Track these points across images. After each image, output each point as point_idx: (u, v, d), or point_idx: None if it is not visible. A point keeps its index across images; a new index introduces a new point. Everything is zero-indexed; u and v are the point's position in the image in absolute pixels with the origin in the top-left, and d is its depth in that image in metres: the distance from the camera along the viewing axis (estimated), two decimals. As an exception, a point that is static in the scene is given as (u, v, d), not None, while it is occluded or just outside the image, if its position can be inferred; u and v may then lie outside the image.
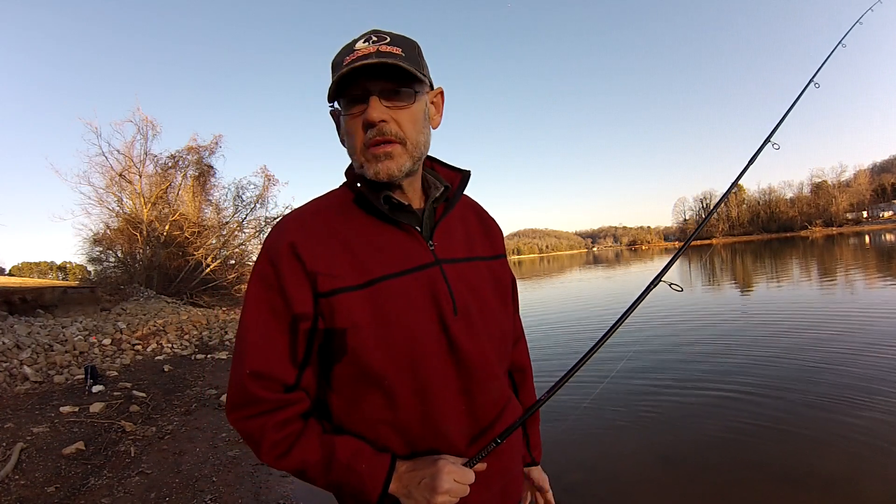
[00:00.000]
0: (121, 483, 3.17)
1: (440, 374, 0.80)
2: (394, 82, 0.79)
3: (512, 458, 0.93)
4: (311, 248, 0.77)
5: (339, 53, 0.81)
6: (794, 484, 2.83)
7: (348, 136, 0.81)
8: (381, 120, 0.77)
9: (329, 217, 0.82)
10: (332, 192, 0.89)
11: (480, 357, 0.84)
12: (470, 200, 1.00)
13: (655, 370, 5.46)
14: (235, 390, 0.78)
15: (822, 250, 27.76)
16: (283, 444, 0.76)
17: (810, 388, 4.37)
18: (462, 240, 0.90)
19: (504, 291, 0.96)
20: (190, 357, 7.28)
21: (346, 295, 0.76)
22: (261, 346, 0.77)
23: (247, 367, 0.76)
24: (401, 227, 0.83)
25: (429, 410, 0.80)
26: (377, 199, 0.81)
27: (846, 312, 7.83)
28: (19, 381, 5.22)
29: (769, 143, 1.12)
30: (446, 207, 0.88)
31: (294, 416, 0.78)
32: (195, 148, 18.88)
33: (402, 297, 0.79)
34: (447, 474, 0.75)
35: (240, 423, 0.78)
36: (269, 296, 0.77)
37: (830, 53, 1.32)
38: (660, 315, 9.08)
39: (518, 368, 1.04)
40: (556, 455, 3.48)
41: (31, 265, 78.86)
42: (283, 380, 0.77)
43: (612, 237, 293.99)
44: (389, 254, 0.80)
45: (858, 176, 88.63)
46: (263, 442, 0.76)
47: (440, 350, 0.80)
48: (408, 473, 0.77)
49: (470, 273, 0.87)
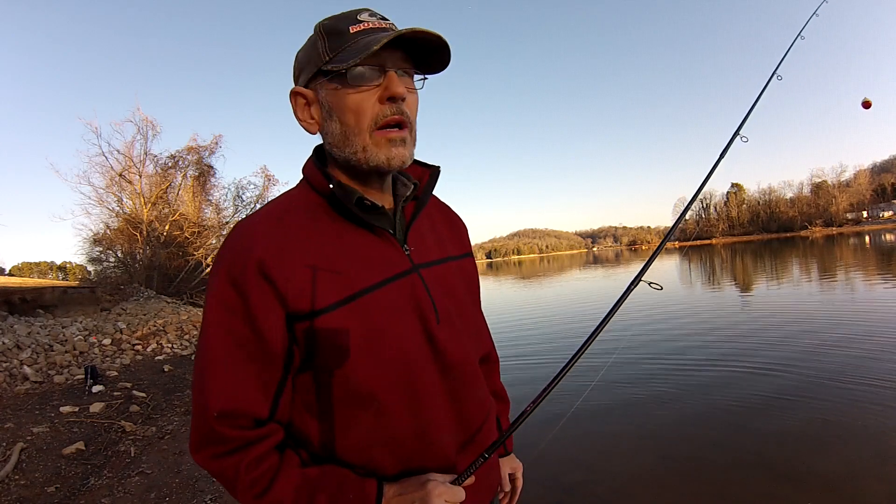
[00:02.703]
0: (121, 483, 3.17)
1: (430, 384, 0.76)
2: (408, 63, 0.74)
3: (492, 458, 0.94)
4: (281, 263, 0.68)
5: (333, 19, 0.73)
6: (794, 483, 2.83)
7: (349, 113, 0.71)
8: (403, 97, 0.71)
9: (298, 222, 0.73)
10: (291, 192, 0.79)
11: (465, 360, 0.82)
12: (434, 197, 0.94)
13: (655, 370, 5.45)
14: (201, 430, 0.69)
15: (822, 250, 27.76)
16: (261, 481, 0.69)
17: (810, 387, 4.37)
18: (433, 241, 0.86)
19: (474, 289, 0.95)
20: (190, 357, 7.28)
21: (328, 315, 0.69)
22: (226, 382, 0.68)
23: (212, 408, 0.67)
24: (375, 233, 0.76)
25: (422, 423, 0.76)
26: (349, 201, 0.72)
27: (846, 313, 7.83)
28: (19, 381, 5.22)
29: (738, 136, 1.12)
30: (417, 207, 0.82)
31: (269, 450, 0.71)
32: (195, 148, 18.88)
33: (386, 309, 0.73)
34: (437, 496, 0.70)
35: (209, 462, 0.70)
36: (233, 322, 0.68)
37: (790, 46, 1.34)
38: (659, 315, 9.09)
39: (485, 358, 1.01)
40: (555, 455, 3.47)
41: (31, 265, 78.92)
42: (254, 415, 0.69)
43: (612, 237, 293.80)
44: (368, 262, 0.74)
45: (858, 176, 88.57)
46: (239, 482, 0.69)
47: (427, 359, 0.76)
48: (396, 498, 0.71)
49: (445, 275, 0.84)
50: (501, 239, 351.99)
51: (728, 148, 1.10)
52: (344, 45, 0.70)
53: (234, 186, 20.16)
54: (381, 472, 0.75)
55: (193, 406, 0.71)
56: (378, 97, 0.71)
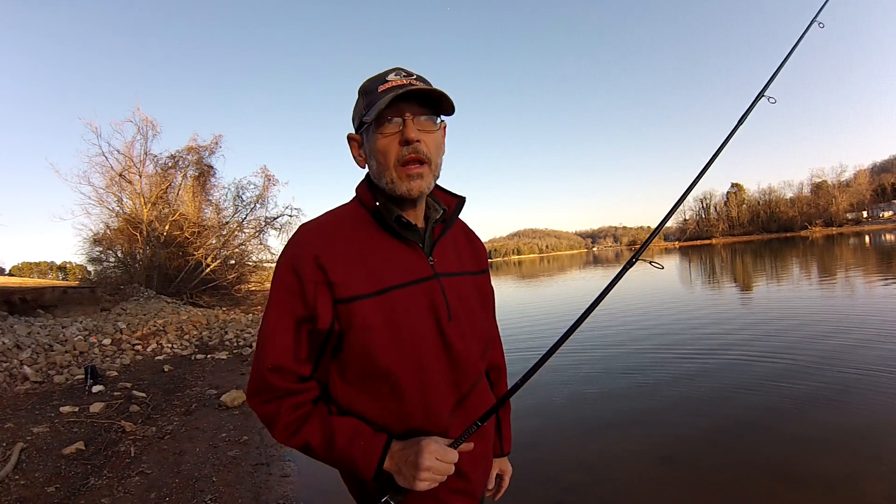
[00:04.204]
0: (121, 483, 3.17)
1: (437, 370, 0.91)
2: (426, 109, 0.91)
3: (488, 445, 1.07)
4: (332, 259, 0.86)
5: (370, 81, 0.92)
6: (794, 484, 2.83)
7: (379, 154, 0.90)
8: (417, 140, 0.88)
9: (348, 231, 0.91)
10: (345, 207, 0.98)
11: (469, 355, 0.96)
12: (460, 221, 1.12)
13: (654, 370, 5.46)
14: (256, 380, 0.89)
15: (822, 250, 27.76)
16: (294, 424, 0.87)
17: (811, 387, 4.38)
18: (454, 257, 1.02)
19: (486, 301, 1.10)
20: (190, 357, 7.28)
21: (362, 302, 0.86)
22: (280, 344, 0.87)
23: (267, 362, 0.86)
24: (407, 244, 0.94)
25: (427, 399, 0.90)
26: (390, 218, 0.91)
27: (847, 313, 7.83)
28: (19, 381, 5.22)
29: (763, 96, 1.11)
30: (444, 228, 1.00)
31: (305, 401, 0.89)
32: (195, 148, 18.89)
33: (408, 304, 0.89)
34: (429, 453, 0.84)
35: (259, 406, 0.89)
36: (292, 301, 0.87)
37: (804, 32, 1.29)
38: (659, 315, 9.09)
39: (494, 367, 1.16)
40: (555, 455, 3.48)
41: (31, 265, 78.90)
42: (298, 372, 0.88)
43: (612, 237, 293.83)
44: (398, 266, 0.91)
45: (858, 176, 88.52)
46: (278, 422, 0.87)
47: (437, 349, 0.91)
48: (399, 452, 0.86)
49: (460, 285, 0.99)
50: (501, 239, 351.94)
51: (752, 107, 1.09)
52: (374, 102, 0.88)
53: (234, 186, 20.18)
54: (391, 432, 0.90)
55: (253, 362, 0.90)
56: (399, 140, 0.89)
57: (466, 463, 0.94)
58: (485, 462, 1.04)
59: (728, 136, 1.08)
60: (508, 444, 1.20)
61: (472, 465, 0.97)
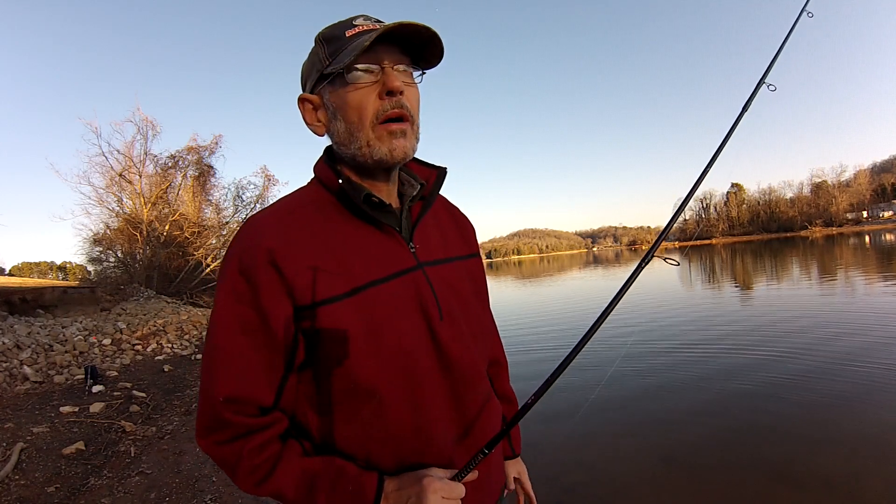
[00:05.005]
0: (121, 483, 3.17)
1: (430, 381, 0.77)
2: (406, 57, 0.75)
3: (495, 453, 0.91)
4: (290, 254, 0.70)
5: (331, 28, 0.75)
6: (794, 484, 2.83)
7: (351, 111, 0.73)
8: (401, 91, 0.72)
9: (307, 217, 0.75)
10: (303, 189, 0.81)
11: (468, 359, 0.82)
12: (441, 197, 0.95)
13: (654, 370, 5.45)
14: (205, 415, 0.71)
15: (822, 250, 27.75)
16: (262, 469, 0.70)
17: (811, 388, 4.37)
18: (439, 240, 0.87)
19: (481, 289, 0.95)
20: (190, 357, 7.28)
21: (332, 306, 0.70)
22: (233, 367, 0.69)
23: (219, 392, 0.69)
24: (382, 229, 0.78)
25: (420, 420, 0.75)
26: (358, 198, 0.74)
27: (846, 312, 7.83)
28: (19, 381, 5.22)
29: (763, 83, 1.07)
30: (423, 207, 0.83)
31: (272, 439, 0.72)
32: (195, 148, 18.87)
33: (389, 303, 0.74)
34: (433, 493, 0.69)
35: (213, 448, 0.72)
36: (242, 310, 0.69)
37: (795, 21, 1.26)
38: (658, 314, 9.09)
39: (493, 362, 1.02)
40: (556, 455, 3.47)
41: (31, 265, 78.93)
42: (259, 402, 0.70)
43: (612, 237, 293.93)
44: (373, 258, 0.75)
45: (858, 176, 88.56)
46: (239, 468, 0.70)
47: (429, 356, 0.77)
48: (395, 494, 0.71)
49: (450, 274, 0.84)
50: (501, 239, 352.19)
51: (753, 96, 1.05)
52: (341, 48, 0.73)
53: (234, 186, 20.16)
54: (380, 466, 0.74)
55: (201, 392, 0.72)
56: (378, 93, 0.73)
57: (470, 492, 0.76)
58: (488, 480, 0.87)
59: (734, 125, 1.03)
60: (519, 445, 1.05)
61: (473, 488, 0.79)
